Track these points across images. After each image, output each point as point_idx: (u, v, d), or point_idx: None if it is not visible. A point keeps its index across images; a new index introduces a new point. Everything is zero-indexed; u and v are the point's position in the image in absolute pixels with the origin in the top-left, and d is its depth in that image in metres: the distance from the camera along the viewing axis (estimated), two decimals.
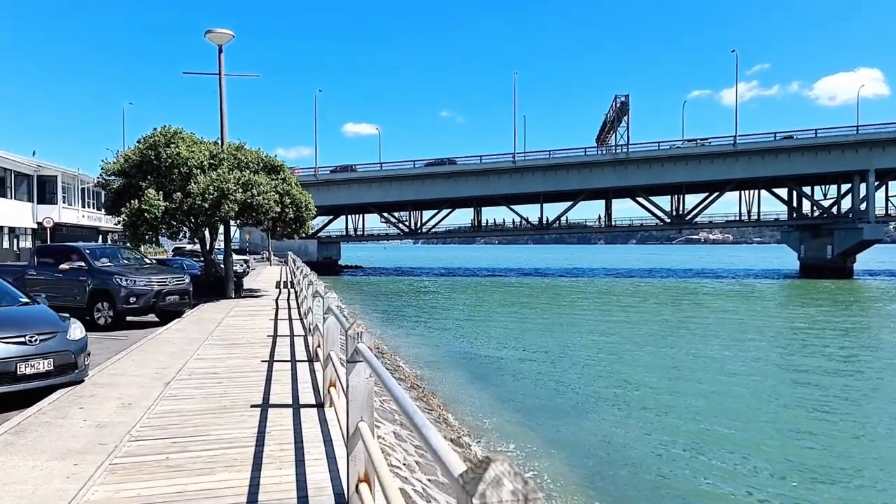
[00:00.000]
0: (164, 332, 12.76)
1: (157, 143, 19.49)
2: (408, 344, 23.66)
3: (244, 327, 13.73)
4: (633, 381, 16.64)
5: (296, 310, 17.48)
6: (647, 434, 12.04)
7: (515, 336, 25.58)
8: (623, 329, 27.03)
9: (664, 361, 19.41)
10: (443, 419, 12.61)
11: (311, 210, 21.25)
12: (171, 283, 14.96)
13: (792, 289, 53.10)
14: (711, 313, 32.46)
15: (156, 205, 18.47)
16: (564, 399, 15.09)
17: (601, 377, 17.38)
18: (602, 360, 19.75)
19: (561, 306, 36.83)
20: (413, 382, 16.09)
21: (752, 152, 71.42)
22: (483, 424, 12.65)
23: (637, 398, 14.88)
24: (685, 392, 15.49)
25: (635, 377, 17.08)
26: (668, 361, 19.39)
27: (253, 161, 20.41)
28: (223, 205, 18.57)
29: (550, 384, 16.63)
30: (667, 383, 16.41)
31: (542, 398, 15.18)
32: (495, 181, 77.32)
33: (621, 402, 14.60)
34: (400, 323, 30.08)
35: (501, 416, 13.50)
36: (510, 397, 15.24)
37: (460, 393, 15.54)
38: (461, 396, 15.12)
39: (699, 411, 13.61)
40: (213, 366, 9.20)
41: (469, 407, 14.01)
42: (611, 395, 15.30)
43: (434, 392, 15.49)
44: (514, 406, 14.40)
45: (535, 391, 15.88)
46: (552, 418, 13.33)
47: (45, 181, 42.39)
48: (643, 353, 21.00)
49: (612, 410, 13.87)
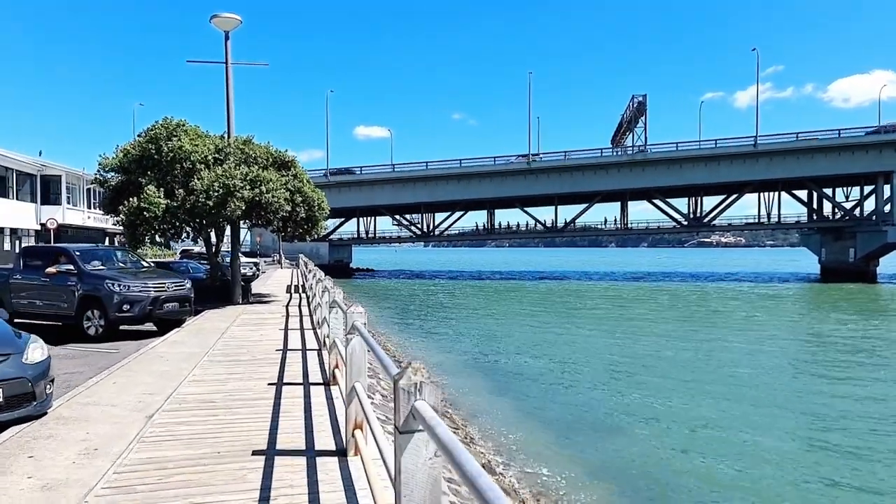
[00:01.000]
0: (159, 345, 11.22)
1: (158, 137, 18.01)
2: (427, 350, 22.30)
3: (250, 339, 12.17)
4: (671, 393, 15.32)
5: (308, 317, 15.92)
6: (696, 454, 10.71)
7: (539, 343, 24.10)
8: (652, 336, 25.53)
9: (700, 372, 17.96)
10: (469, 438, 11.17)
11: (324, 209, 19.70)
12: (170, 289, 13.42)
13: (816, 294, 51.12)
14: (739, 321, 30.68)
15: (156, 203, 16.98)
16: (597, 413, 13.77)
17: (634, 388, 16.01)
18: (633, 370, 18.35)
19: (581, 311, 35.14)
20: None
21: (772, 153, 69.76)
22: (511, 443, 11.37)
23: (676, 412, 13.61)
24: (725, 405, 14.22)
25: (672, 389, 15.76)
26: (704, 372, 17.94)
27: (262, 156, 18.89)
28: (229, 203, 17.06)
29: (580, 396, 15.25)
30: (705, 397, 14.97)
31: (572, 412, 13.80)
32: (510, 182, 75.89)
33: (660, 416, 13.30)
34: (418, 329, 28.59)
35: (531, 432, 12.12)
36: (538, 411, 13.94)
37: (484, 405, 14.14)
38: (485, 409, 13.71)
39: (743, 425, 12.41)
40: (209, 391, 7.62)
41: (494, 421, 12.73)
42: (647, 408, 14.01)
43: (455, 403, 14.21)
44: (544, 421, 13.06)
45: (564, 403, 14.56)
46: (586, 435, 12.03)
47: (49, 181, 41.14)
48: (677, 362, 19.55)
49: (652, 426, 12.56)
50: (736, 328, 27.56)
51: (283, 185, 18.30)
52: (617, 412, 13.71)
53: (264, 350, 10.79)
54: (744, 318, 31.40)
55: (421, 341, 24.66)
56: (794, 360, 19.98)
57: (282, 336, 12.50)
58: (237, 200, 17.12)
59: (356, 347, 5.14)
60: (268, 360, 9.80)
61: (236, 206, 17.07)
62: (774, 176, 70.47)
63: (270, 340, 11.91)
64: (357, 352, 5.13)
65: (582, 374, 17.85)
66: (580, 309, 36.63)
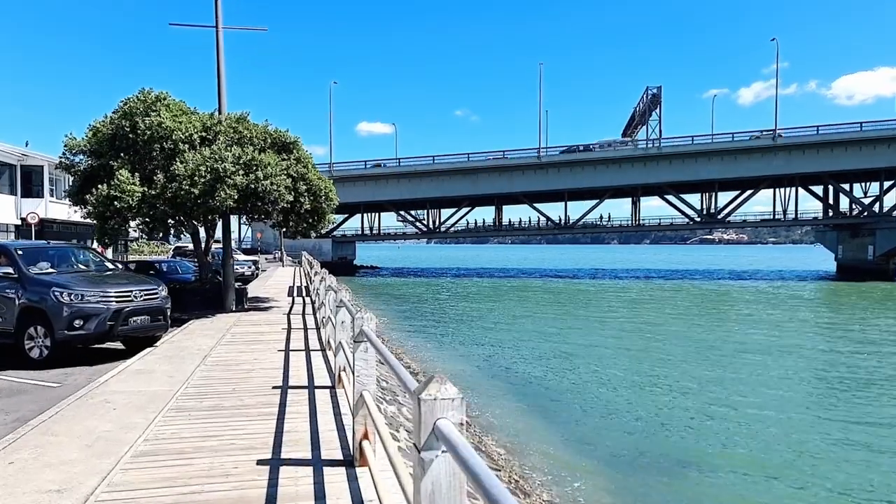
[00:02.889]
0: (114, 379, 8.26)
1: (134, 112, 15.01)
2: (442, 359, 19.77)
3: (240, 366, 9.21)
4: (726, 413, 13.33)
5: (315, 331, 12.97)
6: None
7: (564, 349, 21.51)
8: (682, 341, 23.07)
9: (746, 386, 15.71)
10: (512, 480, 8.86)
11: (332, 199, 16.73)
12: (138, 299, 10.43)
13: (837, 294, 48.07)
14: (774, 325, 27.78)
15: (129, 190, 14.02)
16: (658, 441, 11.60)
17: (693, 407, 13.83)
18: (683, 384, 16.06)
19: (601, 313, 32.17)
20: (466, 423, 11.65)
21: (791, 147, 67.30)
22: (562, 484, 9.29)
23: (761, 440, 11.51)
24: (819, 428, 12.13)
25: (724, 406, 13.84)
26: (752, 387, 15.58)
27: (258, 136, 15.89)
28: (218, 191, 14.10)
29: (628, 417, 13.21)
30: (758, 422, 12.65)
31: (628, 440, 11.75)
32: (518, 178, 73.25)
33: (737, 444, 11.30)
34: (429, 332, 25.82)
35: (595, 475, 9.85)
36: (590, 440, 11.74)
37: (524, 431, 12.02)
38: (526, 438, 11.61)
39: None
40: (160, 482, 4.64)
41: (544, 458, 10.52)
42: (719, 433, 12.03)
43: (487, 427, 12.10)
44: (604, 457, 10.86)
45: (616, 429, 12.49)
46: (648, 475, 9.91)
47: (31, 172, 38.10)
48: (718, 374, 17.17)
49: (733, 460, 10.46)
50: (776, 335, 24.68)
51: (283, 170, 15.34)
52: (684, 439, 11.67)
53: (257, 386, 7.83)
54: (779, 323, 28.48)
55: (435, 347, 22.04)
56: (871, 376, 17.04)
57: (281, 362, 9.53)
58: (228, 188, 14.16)
59: None
60: (260, 406, 6.83)
61: (227, 195, 14.10)
62: (793, 171, 68.14)
63: (266, 369, 8.95)
64: None
65: (621, 389, 15.62)
66: (598, 310, 33.63)
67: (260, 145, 15.76)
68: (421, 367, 17.31)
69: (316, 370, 8.78)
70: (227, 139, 15.18)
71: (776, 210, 77.00)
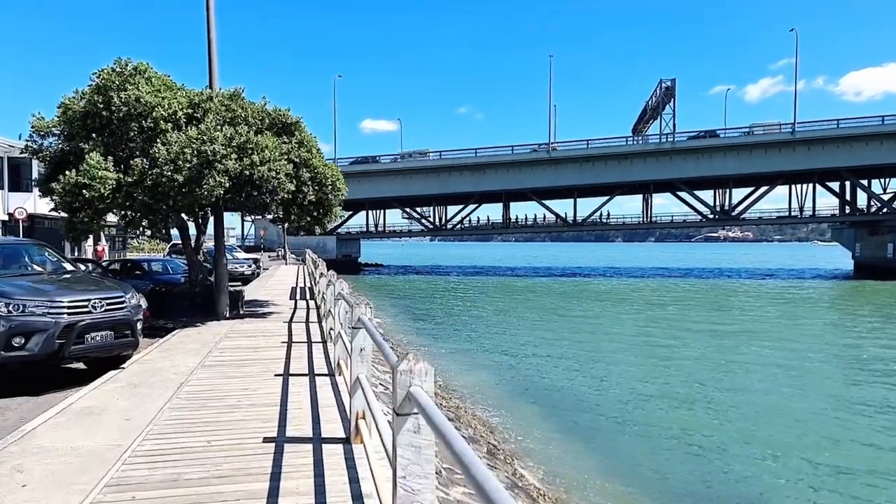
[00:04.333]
0: (43, 426, 5.98)
1: (108, 86, 12.81)
2: (459, 367, 17.75)
3: (223, 401, 7.00)
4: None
5: (320, 344, 10.77)
6: None
7: (591, 356, 19.49)
8: (720, 346, 21.07)
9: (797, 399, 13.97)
10: None
11: (339, 190, 14.49)
12: (98, 310, 8.20)
13: (861, 293, 45.63)
14: (811, 330, 25.56)
15: (101, 177, 11.83)
16: (728, 473, 9.73)
17: (747, 433, 11.83)
18: (739, 400, 13.96)
19: (619, 315, 29.88)
20: (490, 445, 10.40)
21: (810, 141, 65.10)
22: None
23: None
24: None
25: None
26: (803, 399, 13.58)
27: (255, 116, 13.65)
28: (206, 178, 11.89)
29: (685, 444, 11.24)
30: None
31: (678, 469, 10.00)
32: (527, 173, 71.17)
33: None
34: (442, 335, 23.75)
35: None
36: (648, 474, 9.82)
37: (565, 461, 10.25)
38: (573, 472, 9.77)
39: None
40: None
41: (585, 486, 9.02)
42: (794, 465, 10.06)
43: (520, 452, 10.55)
44: (649, 490, 9.02)
45: (660, 454, 10.76)
46: None
47: (19, 165, 35.91)
48: (792, 393, 14.80)
49: None
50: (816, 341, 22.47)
51: (283, 154, 13.12)
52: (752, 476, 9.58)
53: (243, 437, 5.62)
54: (815, 327, 26.22)
55: (452, 354, 19.93)
56: None
57: (278, 394, 7.30)
58: (218, 174, 11.94)
59: None
60: (242, 479, 4.61)
61: (216, 183, 11.89)
62: (812, 166, 66.09)
63: (258, 407, 6.74)
64: None
65: (666, 407, 13.65)
66: (616, 312, 31.32)
67: (257, 125, 13.54)
68: (441, 380, 15.24)
69: (324, 409, 6.56)
70: (217, 118, 12.95)
71: (791, 207, 74.89)
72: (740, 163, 67.19)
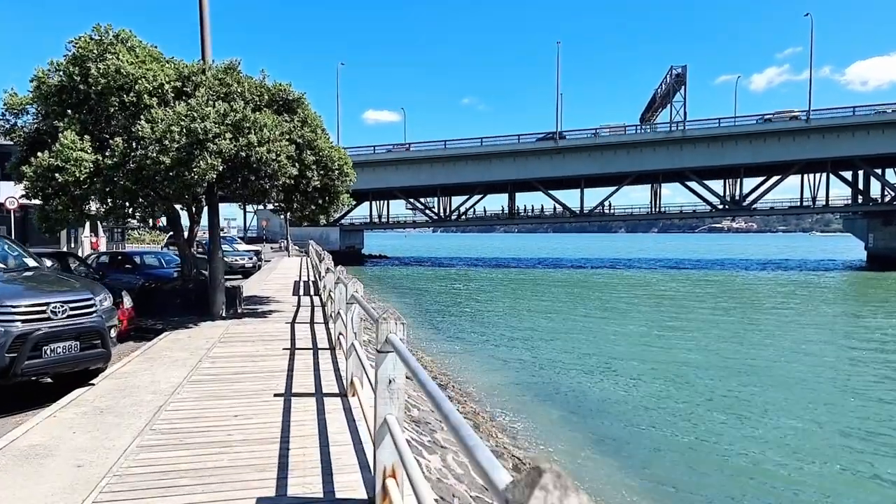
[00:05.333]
0: None
1: (86, 56, 11.28)
2: (473, 366, 16.44)
3: (208, 435, 5.49)
4: None
5: (327, 352, 9.29)
6: None
7: (614, 355, 18.02)
8: (754, 342, 19.48)
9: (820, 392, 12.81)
10: None
11: (347, 175, 12.94)
12: (59, 316, 6.69)
13: (880, 284, 44.04)
14: (834, 321, 23.98)
15: (76, 158, 10.31)
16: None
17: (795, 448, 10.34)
18: (782, 408, 12.30)
19: (634, 309, 28.33)
20: (516, 459, 9.23)
21: (825, 129, 63.50)
22: None
23: None
24: None
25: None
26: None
27: (252, 91, 12.11)
28: (197, 159, 10.36)
29: (727, 462, 9.93)
30: None
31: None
32: (534, 163, 69.65)
33: None
34: (452, 331, 22.40)
35: None
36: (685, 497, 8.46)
37: (596, 476, 9.14)
38: (598, 479, 8.95)
39: None
40: None
41: None
42: None
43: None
44: None
45: (706, 474, 9.44)
46: None
47: (10, 152, 34.36)
48: (813, 389, 13.41)
49: None
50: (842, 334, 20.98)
51: (284, 134, 11.59)
52: None
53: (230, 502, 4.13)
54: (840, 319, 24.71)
55: (465, 352, 18.63)
56: None
57: (279, 425, 5.80)
58: (210, 155, 10.41)
59: None
60: None
61: (209, 166, 10.36)
62: (826, 155, 64.66)
63: (252, 444, 5.24)
64: None
65: (711, 416, 12.25)
66: (634, 305, 29.77)
67: (254, 102, 11.99)
68: (449, 380, 13.90)
69: (337, 452, 5.06)
70: (210, 93, 11.41)
71: (803, 197, 73.30)
72: (753, 151, 65.78)
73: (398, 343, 3.69)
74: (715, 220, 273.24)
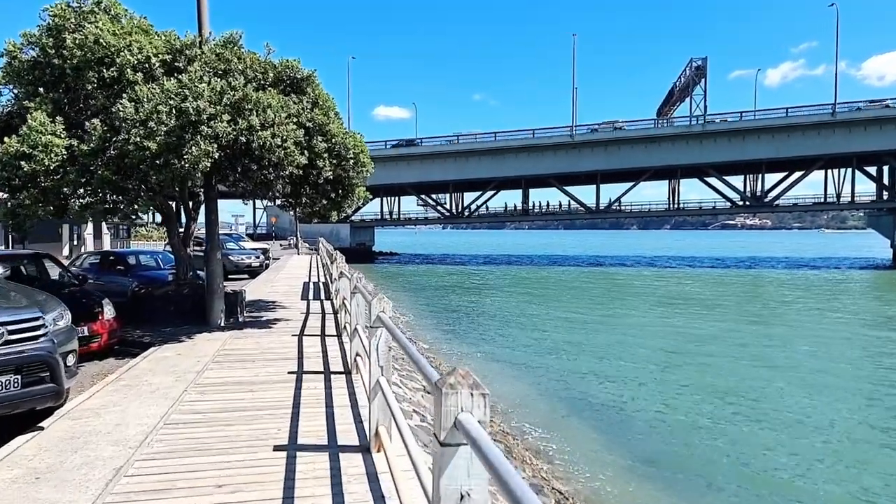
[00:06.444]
0: None
1: (62, 26, 9.68)
2: (494, 375, 14.78)
3: None
4: None
5: (342, 376, 7.63)
6: None
7: (652, 363, 16.45)
8: (798, 349, 17.67)
9: None
10: None
11: (364, 165, 11.26)
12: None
13: None
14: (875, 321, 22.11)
15: (46, 143, 8.70)
16: None
17: None
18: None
19: (667, 310, 26.50)
20: (557, 493, 7.96)
21: (852, 123, 61.44)
22: None
23: None
24: None
25: None
26: None
27: (255, 68, 10.48)
28: (188, 145, 8.73)
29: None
30: None
31: None
32: (549, 158, 67.93)
33: None
34: (470, 334, 20.86)
35: None
36: None
37: None
38: None
39: None
40: None
41: None
42: None
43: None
44: None
45: None
46: None
47: None
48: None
49: None
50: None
51: (291, 116, 9.94)
52: None
53: None
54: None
55: (484, 359, 17.04)
56: None
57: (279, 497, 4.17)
58: (204, 141, 8.78)
59: None
60: None
61: (202, 152, 8.73)
62: (852, 149, 62.54)
63: None
64: None
65: (775, 437, 10.53)
66: (660, 307, 27.96)
67: (258, 80, 10.35)
68: None
69: None
70: (204, 66, 9.77)
71: (827, 193, 71.10)
72: (776, 146, 63.80)
73: (477, 430, 2.02)
74: (728, 217, 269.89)
